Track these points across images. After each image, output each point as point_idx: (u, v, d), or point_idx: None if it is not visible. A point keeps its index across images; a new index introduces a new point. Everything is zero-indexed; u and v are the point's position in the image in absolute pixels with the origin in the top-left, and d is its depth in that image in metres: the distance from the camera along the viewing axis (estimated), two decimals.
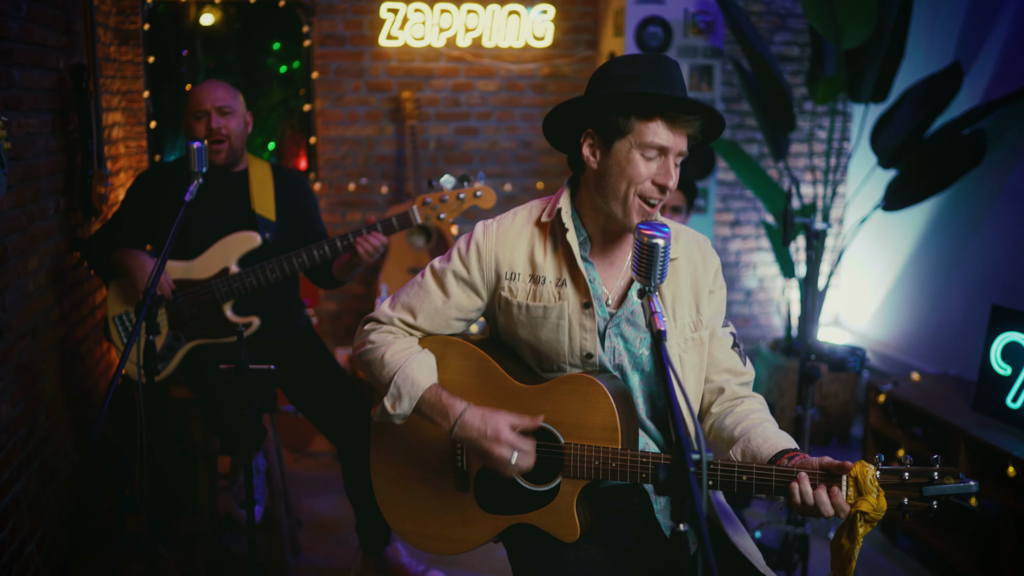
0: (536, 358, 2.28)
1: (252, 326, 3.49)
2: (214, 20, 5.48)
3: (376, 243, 3.36)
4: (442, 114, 5.66)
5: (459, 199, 3.39)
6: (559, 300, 2.21)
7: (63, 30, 4.09)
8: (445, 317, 2.31)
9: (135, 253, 3.42)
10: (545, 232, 2.25)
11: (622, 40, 5.36)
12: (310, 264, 3.41)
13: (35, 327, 3.60)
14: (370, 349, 2.30)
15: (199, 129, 3.48)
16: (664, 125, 2.07)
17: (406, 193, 5.62)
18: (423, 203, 3.39)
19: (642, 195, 2.11)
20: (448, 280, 2.29)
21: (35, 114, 3.65)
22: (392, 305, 2.34)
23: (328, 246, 3.41)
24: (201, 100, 3.48)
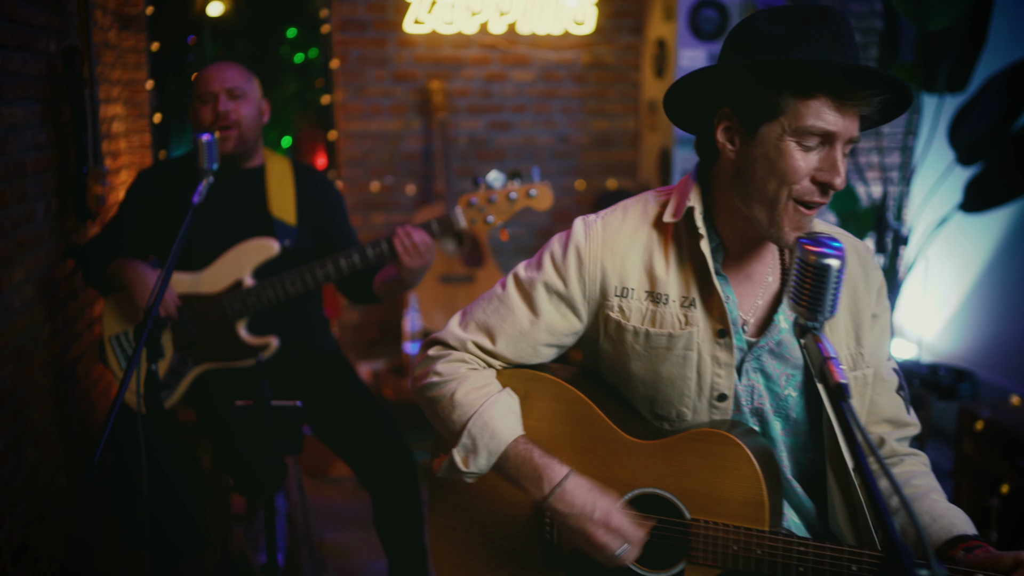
0: (650, 399, 1.79)
1: (270, 348, 3.01)
2: (223, 10, 5.00)
3: (417, 239, 2.87)
4: (474, 107, 5.18)
5: (510, 199, 2.92)
6: (686, 326, 1.72)
7: (54, 10, 3.61)
8: (532, 342, 1.81)
9: (135, 265, 2.94)
10: (667, 236, 1.75)
11: (672, 25, 4.87)
12: (336, 276, 2.94)
13: (21, 349, 3.12)
14: (436, 383, 1.81)
15: (205, 115, 3.01)
16: (830, 104, 1.55)
17: (435, 193, 5.14)
18: (468, 204, 2.91)
19: (798, 197, 1.61)
20: (538, 294, 1.79)
21: (20, 103, 3.17)
22: (463, 323, 1.84)
23: (358, 254, 2.93)
24: (208, 81, 3.01)
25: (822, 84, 1.54)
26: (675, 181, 4.93)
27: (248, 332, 3.01)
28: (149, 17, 4.81)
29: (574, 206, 5.37)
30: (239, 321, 2.99)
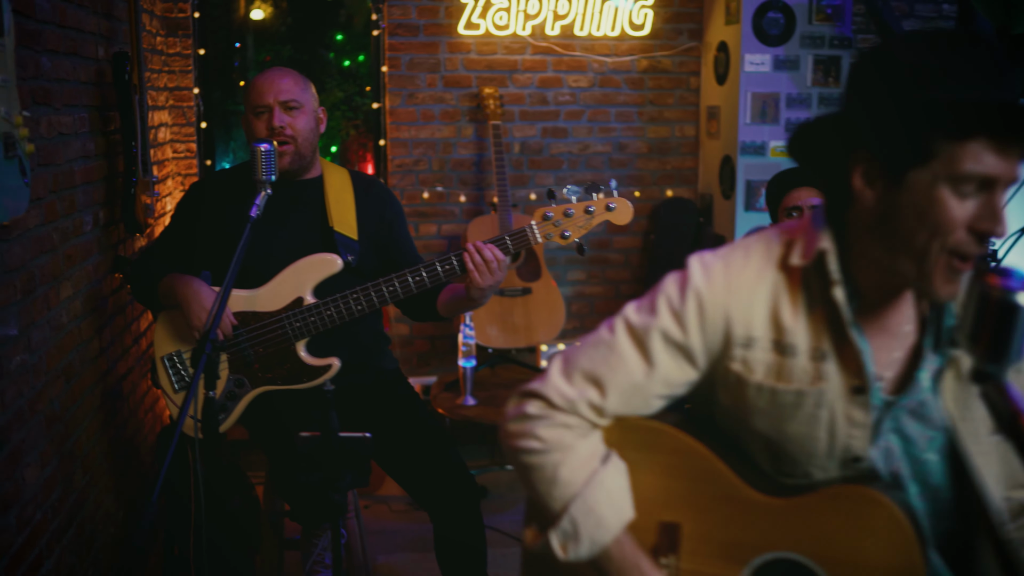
0: (774, 457, 1.59)
1: (331, 369, 2.85)
2: (264, 15, 4.86)
3: (489, 256, 2.70)
4: (527, 113, 5.00)
5: (588, 213, 2.74)
6: (818, 381, 1.52)
7: (103, 14, 3.47)
8: (645, 395, 1.61)
9: (189, 281, 2.79)
10: (795, 281, 1.55)
11: (736, 28, 4.68)
12: (404, 294, 2.77)
13: (69, 367, 2.98)
14: (537, 451, 1.60)
15: (259, 128, 2.85)
16: (990, 145, 1.33)
17: (488, 203, 4.97)
18: (543, 218, 2.74)
19: (953, 248, 1.39)
20: (653, 343, 1.57)
21: (69, 111, 3.03)
22: (567, 374, 1.61)
23: (426, 271, 2.76)
24: (262, 92, 2.85)
25: (981, 123, 1.34)
26: (740, 191, 4.75)
27: (308, 353, 2.85)
28: (196, 21, 4.67)
29: None
30: (299, 341, 2.83)
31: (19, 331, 2.55)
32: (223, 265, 2.92)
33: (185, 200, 2.98)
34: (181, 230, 2.95)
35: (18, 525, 2.51)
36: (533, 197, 5.05)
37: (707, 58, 5.03)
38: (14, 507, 2.48)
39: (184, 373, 2.87)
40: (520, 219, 4.71)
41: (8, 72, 2.10)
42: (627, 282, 5.22)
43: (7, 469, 2.45)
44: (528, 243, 2.77)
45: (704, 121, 5.10)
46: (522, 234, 2.76)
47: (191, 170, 4.74)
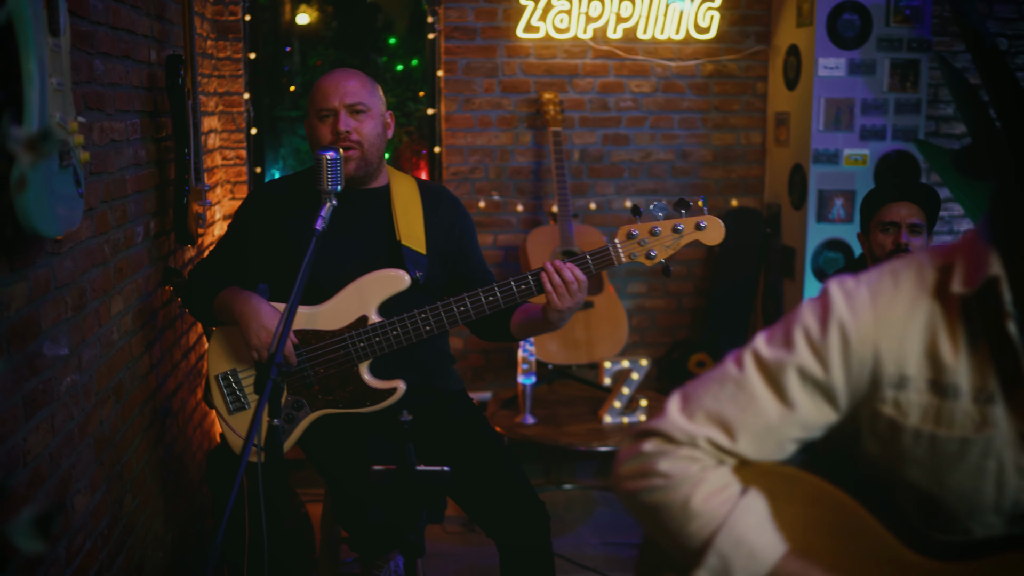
0: (929, 511, 1.38)
1: (396, 393, 2.67)
2: (310, 20, 4.71)
3: (569, 276, 2.52)
4: (587, 119, 4.81)
5: (676, 232, 2.55)
6: (984, 427, 1.32)
7: (155, 16, 3.33)
8: (779, 439, 1.41)
9: (247, 297, 2.62)
10: (953, 311, 1.35)
11: (809, 31, 4.46)
12: (475, 314, 2.59)
13: (119, 386, 2.83)
14: (661, 487, 1.41)
15: (324, 133, 2.68)
16: None
17: (546, 212, 4.78)
18: (628, 236, 2.56)
19: None
20: (789, 380, 1.38)
21: (121, 116, 2.89)
22: (688, 411, 1.42)
23: (500, 290, 2.58)
24: (327, 95, 2.68)
25: None
26: (812, 201, 4.53)
27: (372, 375, 2.67)
28: (247, 25, 4.53)
29: None
30: (363, 363, 2.65)
31: (70, 350, 2.39)
32: (281, 279, 2.76)
33: (242, 210, 2.82)
34: (238, 242, 2.79)
35: (68, 556, 2.36)
36: (593, 207, 4.85)
37: (775, 62, 4.81)
38: (63, 538, 2.33)
39: (240, 394, 2.71)
40: (581, 230, 4.52)
41: (64, 75, 1.95)
42: (689, 295, 5.02)
43: (57, 497, 2.29)
44: (611, 263, 2.58)
45: (772, 128, 4.88)
46: (604, 253, 2.57)
47: (240, 178, 4.60)
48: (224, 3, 4.44)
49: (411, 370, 2.74)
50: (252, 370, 2.70)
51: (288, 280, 2.72)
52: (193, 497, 3.72)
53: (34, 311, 2.16)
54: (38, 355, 2.19)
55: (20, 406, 2.09)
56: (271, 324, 2.56)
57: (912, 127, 4.53)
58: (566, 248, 4.45)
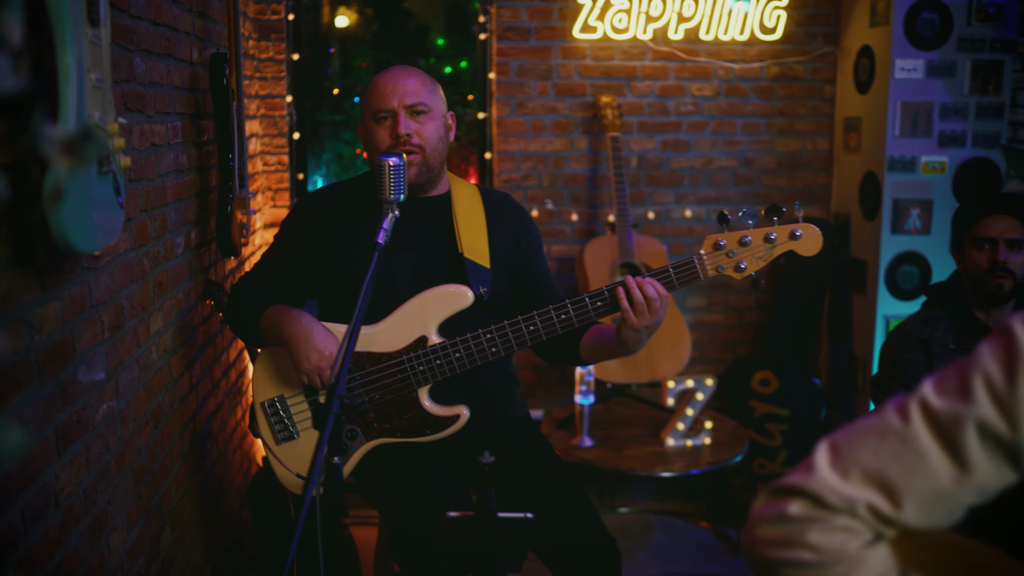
0: None
1: (459, 420, 2.44)
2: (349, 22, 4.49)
3: (651, 293, 2.28)
4: (646, 124, 4.56)
5: (768, 242, 2.31)
6: None
7: (198, 12, 3.13)
8: (951, 506, 1.15)
9: (297, 317, 2.39)
10: None
11: (884, 31, 4.19)
12: (547, 334, 2.36)
13: (158, 410, 2.61)
14: (810, 563, 1.15)
15: (381, 137, 2.45)
16: None
17: (604, 222, 4.54)
18: (715, 247, 2.32)
19: None
20: (967, 438, 1.11)
21: (162, 119, 2.68)
22: (842, 469, 1.16)
23: (573, 308, 2.34)
24: (385, 95, 2.45)
25: None
26: (887, 211, 4.26)
27: (432, 401, 2.44)
28: (290, 24, 4.33)
29: None
30: (422, 388, 2.42)
31: (106, 374, 2.18)
32: (331, 295, 2.54)
33: (291, 219, 2.59)
34: (287, 255, 2.56)
35: None
36: (651, 216, 4.60)
37: (844, 64, 4.54)
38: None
39: (288, 422, 2.48)
40: (641, 241, 4.27)
41: (103, 70, 1.73)
42: (751, 309, 4.75)
43: (91, 538, 2.08)
44: (696, 277, 2.34)
45: (841, 134, 4.61)
46: (689, 266, 2.33)
47: (282, 184, 4.39)
48: (267, 1, 4.23)
49: (474, 395, 2.51)
50: (301, 396, 2.48)
51: (339, 297, 2.50)
52: (232, 522, 3.50)
53: (68, 333, 1.95)
54: (72, 382, 1.97)
55: (52, 440, 1.87)
56: (324, 346, 2.33)
57: (994, 132, 4.25)
58: (626, 260, 4.20)
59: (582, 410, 3.93)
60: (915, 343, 2.94)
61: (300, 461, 2.47)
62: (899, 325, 3.02)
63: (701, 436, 3.98)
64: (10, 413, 1.65)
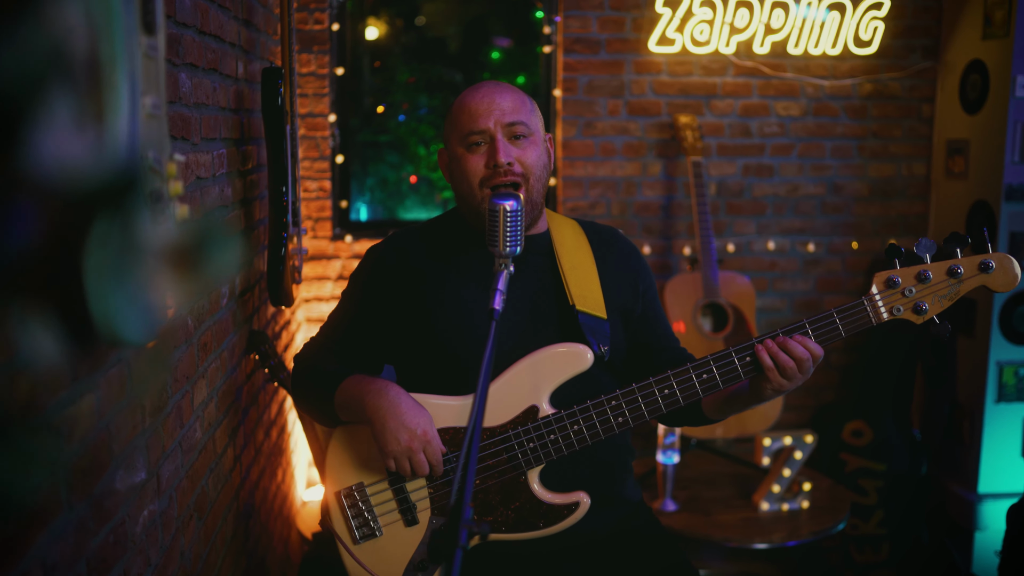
0: None
1: (579, 509, 1.98)
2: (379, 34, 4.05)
3: (801, 354, 1.85)
4: (726, 147, 4.11)
5: (954, 276, 1.91)
6: None
7: (243, 20, 2.69)
8: None
9: (382, 389, 1.93)
10: None
11: (1002, 44, 3.74)
12: (685, 399, 1.93)
13: (202, 498, 2.16)
14: None
15: (474, 165, 2.00)
16: None
17: (681, 254, 4.08)
18: (887, 284, 1.91)
19: None
20: None
21: (207, 146, 2.24)
22: None
23: (718, 367, 1.91)
24: (478, 115, 2.00)
25: None
26: (1003, 245, 3.80)
27: (543, 486, 1.99)
28: (335, 35, 3.89)
29: (846, 272, 4.25)
30: (533, 469, 1.97)
31: (147, 472, 1.73)
32: (418, 362, 2.08)
33: (367, 274, 2.13)
34: (364, 317, 2.10)
35: None
36: (731, 248, 4.15)
37: (947, 81, 4.09)
38: None
39: (369, 515, 2.02)
40: (727, 279, 3.82)
41: (159, 92, 1.29)
42: (837, 350, 4.29)
43: None
44: (868, 323, 1.92)
45: (942, 157, 4.16)
46: (858, 312, 1.91)
47: (323, 213, 3.94)
48: (308, 10, 3.80)
49: (592, 475, 2.06)
50: (385, 483, 2.02)
51: (426, 364, 2.06)
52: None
53: (104, 432, 1.50)
54: (109, 493, 1.52)
55: (84, 574, 1.42)
56: (415, 423, 1.88)
57: None
58: (711, 299, 3.75)
59: (665, 470, 3.47)
60: None
61: (383, 563, 2.01)
62: None
63: (798, 499, 3.52)
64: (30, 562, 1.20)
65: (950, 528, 4.08)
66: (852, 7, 3.96)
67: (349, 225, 4.02)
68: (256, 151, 2.83)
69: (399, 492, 2.00)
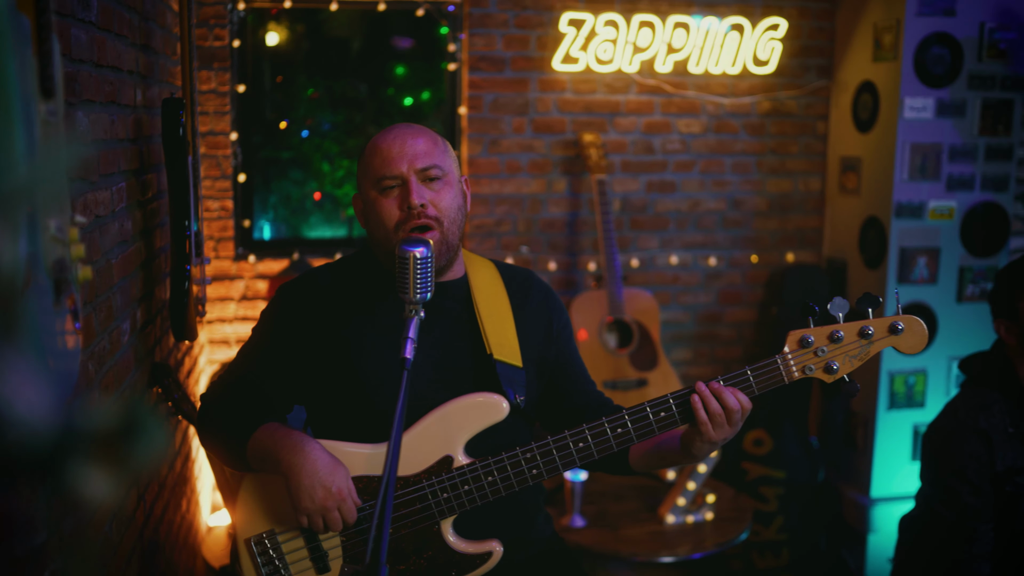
0: None
1: (491, 559, 1.99)
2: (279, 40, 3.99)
3: (732, 404, 1.90)
4: (630, 164, 4.17)
5: (865, 337, 1.95)
6: None
7: (140, 46, 2.62)
8: None
9: (299, 444, 1.90)
10: None
11: (891, 67, 3.87)
12: (600, 452, 1.95)
13: (106, 544, 2.10)
14: None
15: (388, 208, 1.98)
16: None
17: (586, 270, 4.13)
18: (801, 344, 1.96)
19: None
20: None
21: (105, 182, 2.18)
22: None
23: (632, 420, 1.94)
24: (391, 159, 1.98)
25: None
26: (893, 260, 3.94)
27: (457, 535, 1.99)
28: (236, 52, 3.81)
29: (746, 285, 4.36)
30: (446, 520, 1.97)
31: (48, 530, 1.68)
32: (329, 406, 2.06)
33: (280, 312, 2.09)
34: (276, 356, 2.06)
35: None
36: (635, 264, 4.21)
37: (840, 100, 4.23)
38: None
39: (280, 564, 1.99)
40: (632, 296, 3.87)
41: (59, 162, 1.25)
42: (738, 361, 4.40)
43: None
44: (780, 381, 1.96)
45: (836, 173, 4.29)
46: (771, 369, 1.95)
47: (226, 232, 3.87)
48: (208, 26, 3.71)
49: (506, 518, 2.07)
50: (297, 534, 1.99)
51: (337, 408, 2.04)
52: None
53: None
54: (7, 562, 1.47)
55: None
56: (331, 481, 1.86)
57: (1003, 175, 3.98)
58: (616, 316, 3.80)
59: (573, 488, 3.52)
60: (973, 434, 2.59)
61: None
62: (949, 411, 2.67)
63: (703, 511, 3.60)
64: None
65: (846, 532, 4.23)
66: (751, 27, 4.06)
67: (252, 244, 3.95)
68: (156, 178, 2.75)
69: (311, 540, 1.98)
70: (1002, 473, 2.59)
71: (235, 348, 3.87)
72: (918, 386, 4.05)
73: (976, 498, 2.59)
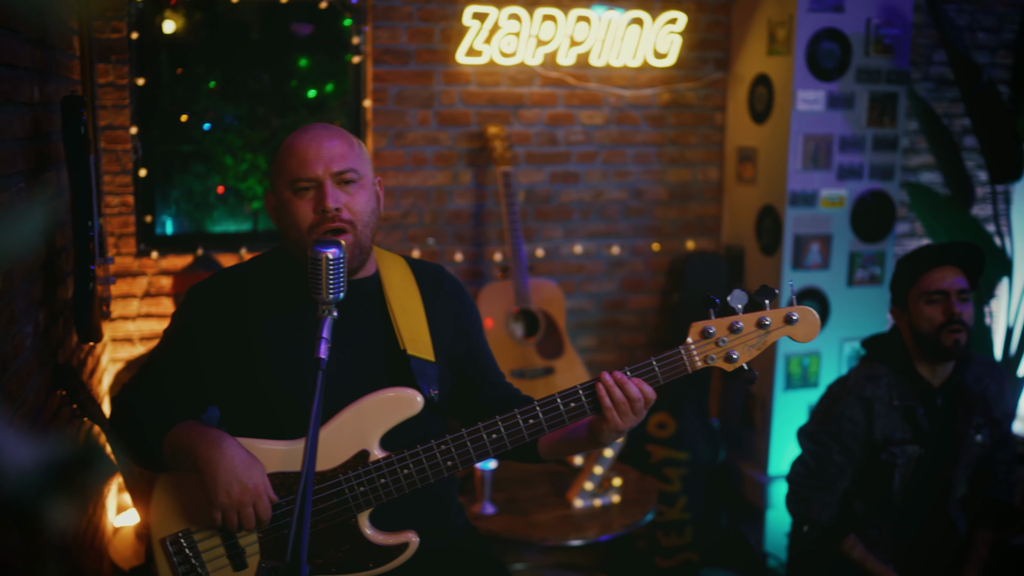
0: None
1: (408, 550, 2.03)
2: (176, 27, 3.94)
3: (635, 393, 1.97)
4: (534, 155, 4.23)
5: (762, 327, 2.04)
6: None
7: (36, 40, 2.56)
8: None
9: (215, 440, 1.92)
10: None
11: (784, 60, 4.02)
12: (513, 443, 2.01)
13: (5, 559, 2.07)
14: None
15: (302, 210, 1.99)
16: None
17: (492, 261, 4.18)
18: (703, 335, 2.03)
19: None
20: None
21: (5, 183, 2.14)
22: None
23: (543, 411, 2.00)
24: (307, 161, 1.99)
25: None
26: (788, 247, 4.09)
27: (374, 528, 2.02)
28: (134, 44, 3.74)
29: (648, 272, 4.47)
30: (362, 513, 2.00)
31: None
32: (243, 404, 2.08)
33: (191, 313, 2.09)
34: (189, 357, 2.06)
35: None
36: (540, 254, 4.28)
37: (736, 92, 4.36)
38: None
39: (196, 562, 2.00)
40: (537, 286, 3.94)
41: None
42: (642, 347, 4.51)
43: None
44: (684, 371, 2.04)
45: (733, 164, 4.43)
46: (675, 360, 2.02)
47: (127, 228, 3.80)
48: (105, 18, 3.64)
49: (422, 511, 2.11)
50: (213, 532, 2.00)
51: (252, 406, 2.05)
52: None
53: None
54: None
55: None
56: (247, 476, 1.88)
57: (889, 165, 4.17)
58: (523, 306, 3.87)
59: (483, 475, 3.58)
60: (856, 400, 2.89)
61: None
62: (841, 379, 2.95)
63: (609, 494, 3.70)
64: None
65: (745, 508, 4.39)
66: (651, 20, 4.16)
67: (155, 240, 3.89)
68: (56, 176, 2.70)
69: (227, 538, 1.99)
70: (879, 441, 2.83)
71: (138, 346, 3.82)
72: (812, 367, 4.23)
73: (843, 457, 2.85)
